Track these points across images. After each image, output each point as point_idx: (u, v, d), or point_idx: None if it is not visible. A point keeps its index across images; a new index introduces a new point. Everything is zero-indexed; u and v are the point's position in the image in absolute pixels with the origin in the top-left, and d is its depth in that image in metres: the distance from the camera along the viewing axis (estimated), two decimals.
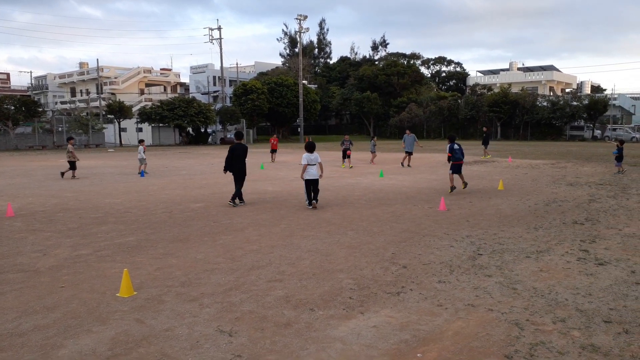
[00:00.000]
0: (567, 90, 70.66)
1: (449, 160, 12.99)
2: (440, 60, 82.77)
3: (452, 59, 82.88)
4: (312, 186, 10.66)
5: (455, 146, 12.85)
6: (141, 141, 20.51)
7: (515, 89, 60.65)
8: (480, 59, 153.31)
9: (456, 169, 12.92)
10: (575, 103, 53.26)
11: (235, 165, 11.11)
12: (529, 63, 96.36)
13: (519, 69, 77.57)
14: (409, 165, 21.34)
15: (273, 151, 26.06)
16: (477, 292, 5.23)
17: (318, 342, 4.07)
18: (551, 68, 75.22)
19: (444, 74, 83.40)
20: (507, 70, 77.72)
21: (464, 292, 5.23)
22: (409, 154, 21.46)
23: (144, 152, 19.23)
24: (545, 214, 9.73)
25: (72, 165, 17.83)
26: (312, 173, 10.56)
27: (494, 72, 78.88)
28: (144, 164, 19.24)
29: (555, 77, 72.22)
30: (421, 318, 4.54)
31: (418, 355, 3.83)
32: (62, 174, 18.00)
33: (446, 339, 4.11)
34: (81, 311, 4.77)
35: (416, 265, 6.22)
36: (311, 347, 3.97)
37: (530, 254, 6.72)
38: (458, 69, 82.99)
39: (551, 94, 64.43)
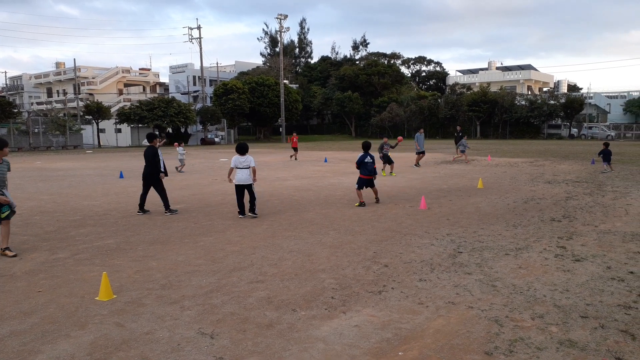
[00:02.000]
0: (545, 89, 71.90)
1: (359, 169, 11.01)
2: (420, 60, 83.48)
3: (432, 58, 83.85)
4: (242, 193, 9.64)
5: (368, 159, 10.84)
6: (180, 142, 21.46)
7: (494, 88, 61.54)
8: (460, 59, 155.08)
9: (366, 184, 10.96)
10: (552, 102, 54.31)
11: (144, 169, 10.30)
12: (508, 62, 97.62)
13: (497, 68, 78.64)
14: (417, 165, 20.97)
15: (295, 149, 26.81)
16: (458, 289, 5.28)
17: (300, 342, 4.07)
18: (529, 67, 76.43)
19: (424, 74, 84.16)
20: (486, 69, 78.74)
21: (445, 290, 5.29)
22: (423, 153, 21.09)
23: (184, 152, 20.30)
24: (524, 212, 9.88)
25: None
26: (241, 178, 9.49)
27: (473, 71, 79.84)
28: (183, 164, 20.10)
29: (533, 77, 73.43)
30: (402, 316, 4.57)
31: (399, 353, 3.86)
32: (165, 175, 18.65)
33: (427, 336, 4.15)
34: (59, 316, 4.69)
35: (397, 264, 6.26)
36: (293, 348, 3.97)
37: (509, 252, 6.82)
38: (438, 68, 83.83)
39: (529, 93, 65.48)
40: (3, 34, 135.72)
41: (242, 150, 9.60)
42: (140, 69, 78.44)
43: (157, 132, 48.46)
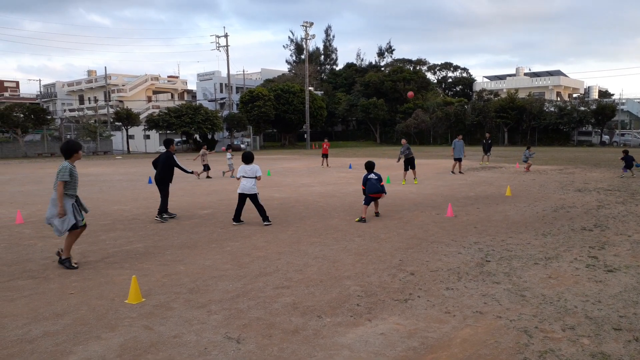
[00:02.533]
0: (575, 95, 70.40)
1: (364, 192, 10.38)
2: (447, 66, 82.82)
3: (459, 64, 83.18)
4: (244, 202, 9.60)
5: (372, 176, 10.26)
6: (228, 148, 22.24)
7: (522, 95, 60.52)
8: (487, 65, 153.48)
9: (373, 200, 10.35)
10: (582, 108, 53.09)
11: (156, 174, 10.42)
12: (536, 68, 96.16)
13: (525, 74, 77.43)
14: (460, 172, 20.47)
15: (324, 156, 26.61)
16: (485, 299, 5.20)
17: (326, 349, 4.07)
18: (558, 73, 75.03)
19: (450, 80, 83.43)
20: (514, 75, 77.60)
21: (472, 299, 5.21)
22: (459, 160, 20.54)
23: (231, 157, 20.93)
24: (554, 220, 9.68)
25: (207, 167, 20.12)
26: (245, 186, 9.42)
27: (501, 77, 78.77)
28: (232, 169, 20.62)
29: (562, 82, 72.01)
30: (429, 325, 4.53)
31: None
32: (199, 174, 19.23)
33: (454, 346, 4.09)
34: (90, 318, 4.80)
35: (424, 272, 6.20)
36: (319, 354, 3.97)
37: (539, 261, 6.69)
38: (464, 74, 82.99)
39: (558, 99, 64.19)
40: (38, 43, 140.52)
41: (248, 159, 9.55)
42: (168, 77, 79.99)
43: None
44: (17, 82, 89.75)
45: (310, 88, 60.52)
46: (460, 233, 8.58)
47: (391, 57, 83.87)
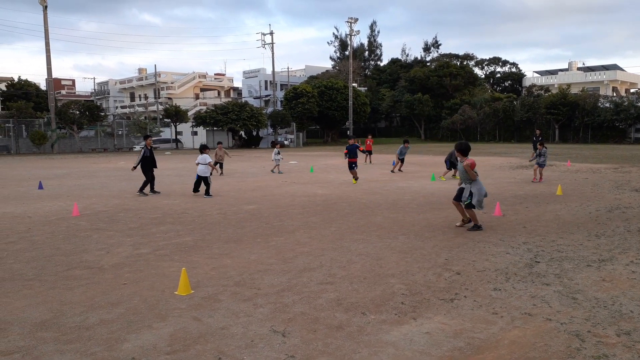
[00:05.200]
0: (632, 90, 66.97)
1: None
2: (495, 60, 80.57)
3: (508, 59, 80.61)
4: (199, 182, 13.48)
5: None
6: (276, 144, 22.76)
7: (574, 90, 58.20)
8: (537, 59, 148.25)
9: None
10: None
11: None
12: (590, 62, 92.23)
13: (579, 68, 74.36)
14: (400, 170, 21.32)
15: (368, 152, 26.54)
16: (535, 300, 5.07)
17: (370, 345, 4.07)
18: (614, 67, 71.60)
19: (498, 75, 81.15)
20: (566, 70, 74.68)
21: (521, 300, 5.09)
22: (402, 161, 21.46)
23: (278, 153, 21.23)
24: (608, 221, 9.29)
25: (221, 165, 20.72)
26: (200, 169, 13.43)
27: (552, 72, 75.99)
28: (278, 164, 21.18)
29: (619, 77, 68.66)
30: (476, 326, 4.45)
31: None
32: (220, 173, 20.33)
33: (502, 347, 4.01)
34: (142, 308, 4.99)
35: (470, 272, 6.10)
36: (363, 351, 3.98)
37: (592, 263, 6.44)
38: (514, 69, 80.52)
39: (614, 94, 61.30)
40: (94, 43, 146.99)
41: (201, 150, 13.83)
42: (215, 74, 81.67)
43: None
44: (73, 80, 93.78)
45: (354, 84, 60.36)
46: (509, 233, 8.37)
47: (437, 52, 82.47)
